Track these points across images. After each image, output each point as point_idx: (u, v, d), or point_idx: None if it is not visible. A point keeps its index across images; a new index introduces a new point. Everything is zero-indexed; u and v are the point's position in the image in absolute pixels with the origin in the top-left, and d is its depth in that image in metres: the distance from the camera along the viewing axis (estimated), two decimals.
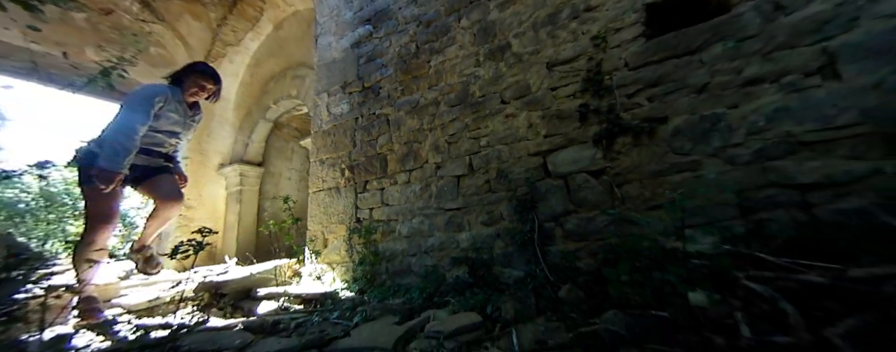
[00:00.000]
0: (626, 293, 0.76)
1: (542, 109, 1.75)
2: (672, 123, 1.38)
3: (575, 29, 1.71)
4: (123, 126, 1.61)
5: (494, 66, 1.97)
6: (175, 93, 1.79)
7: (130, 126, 1.61)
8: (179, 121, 1.83)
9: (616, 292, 0.75)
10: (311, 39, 4.09)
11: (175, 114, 1.79)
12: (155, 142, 1.80)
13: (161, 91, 1.73)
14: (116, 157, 1.55)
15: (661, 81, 1.44)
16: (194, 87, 1.83)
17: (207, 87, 1.87)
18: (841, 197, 1.05)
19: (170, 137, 1.86)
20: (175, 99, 1.78)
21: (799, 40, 1.19)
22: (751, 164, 1.20)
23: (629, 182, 1.45)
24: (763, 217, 1.14)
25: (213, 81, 1.90)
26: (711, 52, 1.34)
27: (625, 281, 0.77)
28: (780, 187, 1.14)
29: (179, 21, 4.52)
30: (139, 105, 1.66)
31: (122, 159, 1.57)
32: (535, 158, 1.74)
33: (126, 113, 1.65)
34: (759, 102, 1.22)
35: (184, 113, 1.85)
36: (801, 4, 1.21)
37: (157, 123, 1.74)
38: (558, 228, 1.59)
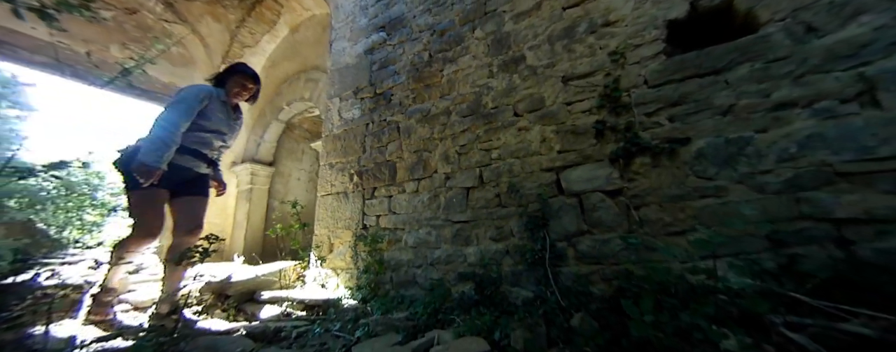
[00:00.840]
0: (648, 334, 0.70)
1: (557, 124, 1.71)
2: (695, 144, 1.32)
3: (592, 43, 1.67)
4: (165, 121, 1.61)
5: (508, 78, 1.94)
6: (219, 93, 1.81)
7: (172, 121, 1.61)
8: (224, 120, 1.82)
9: (638, 332, 0.70)
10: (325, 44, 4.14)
11: (220, 113, 1.79)
12: (202, 141, 1.77)
13: (206, 90, 1.75)
14: (156, 151, 1.53)
15: (683, 101, 1.38)
16: (237, 87, 1.85)
17: (249, 86, 1.89)
18: (884, 235, 0.98)
19: (216, 138, 1.83)
20: (219, 99, 1.80)
21: (834, 65, 1.12)
22: (781, 193, 1.13)
23: (647, 205, 1.39)
24: (796, 252, 1.07)
25: (253, 82, 1.91)
26: (737, 73, 1.28)
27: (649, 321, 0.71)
28: (814, 220, 1.07)
29: (200, 22, 4.64)
30: (182, 102, 1.66)
31: (162, 154, 1.54)
32: (548, 173, 1.69)
33: (169, 110, 1.65)
34: (791, 128, 1.16)
35: (228, 113, 1.85)
36: (836, 27, 1.14)
37: (204, 121, 1.73)
38: (571, 248, 1.53)
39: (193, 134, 1.71)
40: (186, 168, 1.73)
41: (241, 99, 1.91)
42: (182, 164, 1.69)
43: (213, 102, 1.74)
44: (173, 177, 1.65)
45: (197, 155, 1.77)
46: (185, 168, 1.71)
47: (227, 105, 1.84)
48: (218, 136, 1.82)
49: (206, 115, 1.73)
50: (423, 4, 2.52)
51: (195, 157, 1.76)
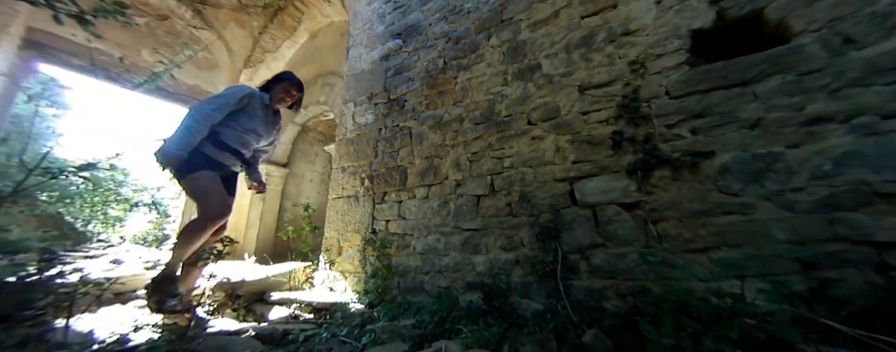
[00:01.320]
0: None
1: (572, 134, 1.67)
2: (719, 158, 1.27)
3: (611, 53, 1.64)
4: (196, 111, 1.63)
5: (523, 86, 1.92)
6: (263, 97, 1.85)
7: (203, 112, 1.63)
8: (262, 122, 1.85)
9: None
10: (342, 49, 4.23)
11: (261, 115, 1.83)
12: (240, 141, 1.78)
13: (247, 90, 1.79)
14: (181, 139, 1.54)
15: (707, 113, 1.33)
16: (282, 93, 1.89)
17: (293, 93, 1.94)
18: None
19: (254, 139, 1.85)
20: (262, 102, 1.84)
21: (874, 78, 1.06)
22: (814, 213, 1.07)
23: (666, 219, 1.33)
24: (830, 276, 1.00)
25: (298, 90, 1.96)
26: (767, 86, 1.23)
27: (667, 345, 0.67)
28: (851, 243, 1.00)
29: (226, 28, 4.84)
30: (220, 97, 1.71)
31: (186, 142, 1.55)
32: (562, 183, 1.65)
33: (204, 102, 1.69)
34: (826, 144, 1.09)
35: (268, 117, 1.89)
36: (877, 39, 1.08)
37: (243, 119, 1.75)
38: (584, 261, 1.49)
39: (235, 133, 1.75)
40: (225, 165, 1.76)
41: (285, 105, 1.96)
42: (222, 160, 1.73)
43: (254, 103, 1.78)
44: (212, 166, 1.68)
45: (236, 154, 1.80)
46: (224, 165, 1.75)
47: (268, 109, 1.89)
48: (255, 136, 1.85)
49: (248, 114, 1.76)
50: (440, 12, 2.55)
51: (234, 155, 1.79)
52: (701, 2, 1.44)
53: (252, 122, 1.79)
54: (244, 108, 1.75)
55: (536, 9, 1.99)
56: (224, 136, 1.71)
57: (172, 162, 1.52)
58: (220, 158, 1.71)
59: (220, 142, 1.70)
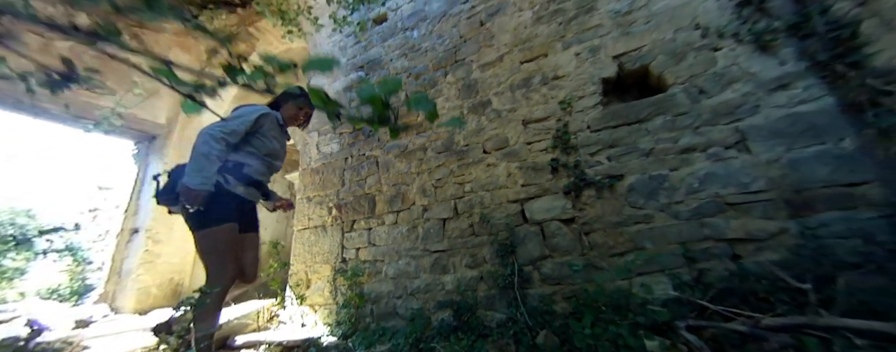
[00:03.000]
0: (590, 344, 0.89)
1: (520, 161, 1.96)
2: (627, 180, 1.62)
3: (545, 93, 1.99)
4: (208, 135, 1.39)
5: (477, 119, 2.20)
6: (277, 116, 1.66)
7: (214, 135, 1.39)
8: (279, 144, 1.66)
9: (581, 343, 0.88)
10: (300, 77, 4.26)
11: (276, 136, 1.64)
12: (265, 170, 1.60)
13: (261, 109, 1.58)
14: (200, 170, 1.32)
15: (617, 144, 1.70)
16: (293, 111, 1.72)
17: (306, 111, 1.78)
18: (760, 251, 1.28)
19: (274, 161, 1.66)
20: (277, 121, 1.64)
21: (718, 119, 1.49)
22: (690, 219, 1.44)
23: (595, 231, 1.65)
24: (704, 267, 1.35)
25: (310, 106, 1.78)
26: (654, 123, 1.63)
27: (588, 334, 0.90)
28: (714, 241, 1.37)
29: (169, 53, 4.58)
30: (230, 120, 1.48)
31: (207, 172, 1.33)
32: (514, 204, 1.92)
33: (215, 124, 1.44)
34: (694, 168, 1.49)
35: (282, 137, 1.70)
36: (718, 91, 1.52)
37: (262, 143, 1.56)
38: (536, 271, 1.74)
39: (258, 161, 1.56)
40: (248, 202, 1.56)
41: (298, 124, 1.79)
42: (247, 197, 1.53)
43: (269, 124, 1.59)
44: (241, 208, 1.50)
45: (259, 186, 1.59)
46: (247, 202, 1.55)
47: (282, 129, 1.70)
48: (277, 161, 1.68)
49: (266, 136, 1.57)
50: (400, 49, 2.79)
51: (258, 188, 1.59)
52: (607, 56, 1.85)
53: (271, 144, 1.59)
54: (259, 129, 1.55)
55: (484, 52, 2.32)
56: (248, 168, 1.51)
57: (199, 199, 1.30)
58: (246, 196, 1.52)
59: (244, 175, 1.50)
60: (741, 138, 1.43)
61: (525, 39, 2.15)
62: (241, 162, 1.49)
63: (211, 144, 1.37)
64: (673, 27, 1.68)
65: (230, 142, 1.44)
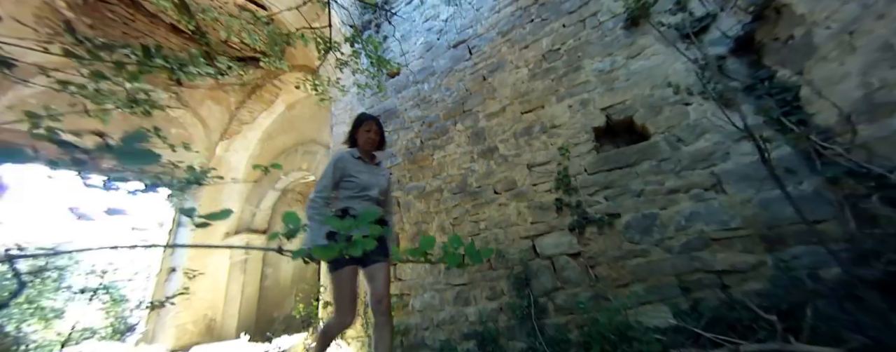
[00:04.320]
0: None
1: (528, 201, 2.22)
2: (624, 218, 1.85)
3: (545, 140, 2.27)
4: (310, 199, 1.61)
5: (487, 164, 2.48)
6: (351, 152, 1.79)
7: (312, 197, 1.61)
8: (366, 174, 1.75)
9: None
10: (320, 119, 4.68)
11: (360, 170, 1.74)
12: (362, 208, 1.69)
13: (337, 156, 1.75)
14: (310, 233, 1.52)
15: (612, 185, 1.95)
16: (363, 137, 1.83)
17: (370, 131, 1.84)
18: (745, 281, 1.48)
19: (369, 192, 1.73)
20: (353, 157, 1.77)
21: (696, 164, 1.74)
22: (682, 253, 1.65)
23: (600, 264, 1.86)
24: (698, 296, 1.54)
25: (374, 125, 1.86)
26: (642, 167, 1.88)
27: None
28: (704, 272, 1.57)
29: (201, 106, 5.11)
30: (322, 177, 1.65)
31: (313, 232, 1.52)
32: (526, 240, 2.15)
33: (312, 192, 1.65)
34: (679, 207, 1.72)
35: (366, 166, 1.79)
36: (693, 139, 1.78)
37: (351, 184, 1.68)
38: (550, 302, 1.93)
39: (357, 200, 1.69)
40: None
41: (372, 145, 1.86)
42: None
43: (346, 163, 1.72)
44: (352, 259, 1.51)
45: None
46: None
47: (362, 160, 1.80)
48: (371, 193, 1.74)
49: (350, 175, 1.70)
50: (413, 100, 3.15)
51: None
52: (596, 108, 2.15)
53: (358, 180, 1.71)
54: (342, 174, 1.70)
55: (488, 104, 2.65)
56: (353, 210, 1.66)
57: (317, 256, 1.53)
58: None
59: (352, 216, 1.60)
60: (717, 181, 1.66)
61: (524, 93, 2.47)
62: (345, 206, 1.66)
63: (311, 209, 1.59)
64: (649, 84, 1.98)
65: (326, 197, 1.64)
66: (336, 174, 1.69)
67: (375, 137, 1.86)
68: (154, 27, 4.19)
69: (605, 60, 2.18)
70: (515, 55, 2.61)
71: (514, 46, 2.65)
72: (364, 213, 0.57)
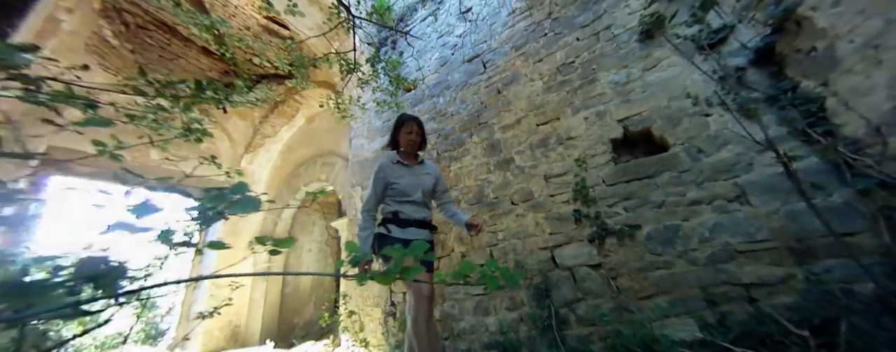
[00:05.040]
0: None
1: (545, 212, 2.24)
2: (645, 229, 1.85)
3: (562, 152, 2.30)
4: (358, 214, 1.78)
5: (503, 175, 2.53)
6: (391, 157, 1.82)
7: (361, 209, 1.73)
8: (408, 178, 1.76)
9: None
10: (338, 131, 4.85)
11: (402, 175, 1.76)
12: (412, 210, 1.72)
13: (379, 165, 1.79)
14: (359, 245, 1.59)
15: (631, 196, 1.95)
16: (403, 139, 1.83)
17: (410, 131, 1.83)
18: (773, 294, 1.45)
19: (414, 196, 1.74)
20: (393, 162, 1.79)
21: (718, 175, 1.73)
22: (707, 265, 1.63)
23: (621, 275, 1.85)
24: (725, 309, 1.52)
25: (414, 124, 1.85)
26: (662, 179, 1.88)
27: None
28: (731, 285, 1.55)
29: (228, 121, 5.39)
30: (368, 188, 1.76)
31: (361, 244, 1.60)
32: (545, 251, 2.16)
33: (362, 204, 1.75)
34: (702, 219, 1.70)
35: (408, 169, 1.80)
36: (715, 150, 1.77)
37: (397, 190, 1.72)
38: (571, 313, 1.94)
39: (405, 204, 1.72)
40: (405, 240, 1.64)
41: (414, 147, 1.86)
42: (409, 237, 1.65)
43: (387, 170, 1.75)
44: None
45: (419, 223, 1.72)
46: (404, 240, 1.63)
47: (402, 163, 1.81)
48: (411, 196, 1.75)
49: (394, 180, 1.73)
50: (429, 113, 3.24)
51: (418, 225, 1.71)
52: (612, 120, 2.16)
53: (401, 184, 1.73)
54: (386, 181, 1.74)
55: (503, 116, 2.70)
56: (403, 214, 1.71)
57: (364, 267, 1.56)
58: (407, 236, 1.66)
59: (401, 220, 1.70)
60: (741, 193, 1.65)
61: (538, 105, 2.52)
62: (395, 210, 1.72)
63: (359, 223, 1.71)
64: (667, 96, 1.99)
65: (370, 210, 1.72)
66: (378, 186, 1.75)
67: (417, 138, 1.86)
68: (187, 50, 4.49)
69: (621, 73, 2.21)
70: (529, 68, 2.67)
71: (528, 60, 2.71)
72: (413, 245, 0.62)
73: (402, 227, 1.69)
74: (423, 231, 1.75)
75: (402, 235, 1.66)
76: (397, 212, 1.71)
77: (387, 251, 0.63)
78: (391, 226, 1.69)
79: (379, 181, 1.75)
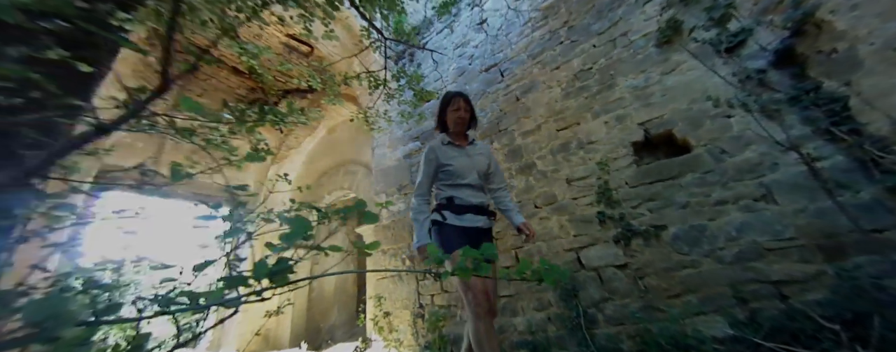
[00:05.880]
0: None
1: (569, 214, 2.31)
2: (670, 229, 1.90)
3: (583, 156, 2.38)
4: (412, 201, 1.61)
5: (525, 179, 2.61)
6: (441, 139, 1.73)
7: (414, 195, 1.62)
8: (460, 161, 1.65)
9: None
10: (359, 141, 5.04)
11: (453, 156, 1.65)
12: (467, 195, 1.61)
13: (428, 148, 1.69)
14: (415, 233, 1.54)
15: (655, 198, 2.00)
16: (451, 118, 1.73)
17: (457, 109, 1.72)
18: (804, 291, 1.48)
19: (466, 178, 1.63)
20: (443, 143, 1.70)
21: (743, 175, 1.77)
22: (734, 264, 1.67)
23: (648, 275, 1.90)
24: (755, 307, 1.56)
25: (463, 101, 1.74)
26: (686, 180, 1.93)
27: None
28: (760, 283, 1.58)
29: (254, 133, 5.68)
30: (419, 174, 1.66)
31: (417, 231, 1.52)
32: (570, 253, 2.23)
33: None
34: (729, 218, 1.74)
35: (460, 150, 1.69)
36: (738, 151, 1.81)
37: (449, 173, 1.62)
38: (599, 313, 1.99)
39: (460, 189, 1.61)
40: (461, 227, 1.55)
41: (462, 126, 1.75)
42: (466, 224, 1.56)
43: (438, 152, 1.66)
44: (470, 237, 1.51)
45: (476, 210, 1.60)
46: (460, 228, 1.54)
47: (453, 144, 1.71)
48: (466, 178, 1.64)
49: (445, 163, 1.63)
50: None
51: (475, 211, 1.60)
52: (633, 123, 2.23)
53: (454, 167, 1.63)
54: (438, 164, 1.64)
55: (523, 122, 2.80)
56: (458, 199, 1.59)
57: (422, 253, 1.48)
58: (463, 223, 1.56)
59: (456, 206, 1.58)
60: (767, 192, 1.68)
61: (558, 111, 2.60)
62: (450, 196, 1.60)
63: (413, 211, 1.58)
64: (687, 99, 2.04)
65: (423, 195, 1.62)
66: (430, 168, 1.64)
67: (465, 114, 1.73)
68: (218, 70, 4.80)
69: (639, 77, 2.27)
70: (547, 76, 2.76)
71: (545, 67, 2.80)
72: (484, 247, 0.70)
73: (458, 213, 1.56)
74: (481, 218, 1.61)
75: (458, 223, 1.54)
76: (452, 197, 1.59)
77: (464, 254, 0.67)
78: (446, 212, 1.56)
79: (430, 163, 1.64)
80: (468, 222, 1.57)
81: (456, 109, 1.73)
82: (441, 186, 1.66)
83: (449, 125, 1.76)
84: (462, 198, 1.61)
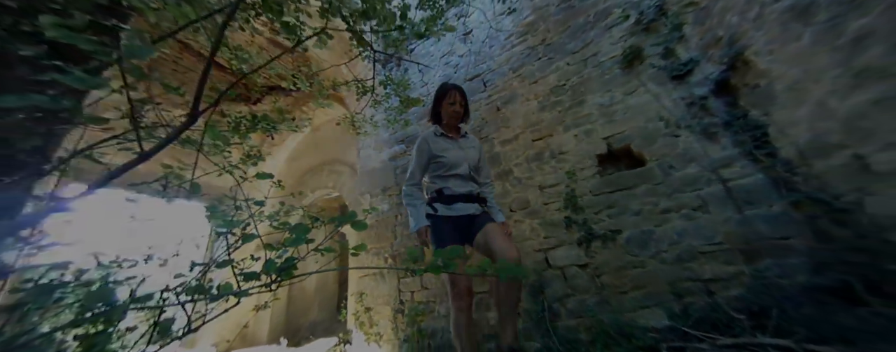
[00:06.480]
0: None
1: (540, 218, 2.53)
2: (624, 234, 2.15)
3: (554, 165, 2.61)
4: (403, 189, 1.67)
5: (502, 185, 2.82)
6: (434, 130, 1.76)
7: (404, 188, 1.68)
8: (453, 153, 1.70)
9: None
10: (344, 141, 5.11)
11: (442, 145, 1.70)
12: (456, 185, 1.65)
13: (421, 138, 1.74)
14: (410, 218, 1.58)
15: (614, 205, 2.26)
16: (447, 111, 1.75)
17: (452, 101, 1.74)
18: (727, 288, 1.76)
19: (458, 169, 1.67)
20: (436, 134, 1.74)
21: (685, 188, 2.04)
22: (675, 264, 1.94)
23: (605, 273, 2.15)
24: (688, 301, 1.82)
25: (458, 94, 1.76)
26: (640, 190, 2.19)
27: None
28: (693, 281, 1.86)
29: None
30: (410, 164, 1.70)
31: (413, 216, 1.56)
32: (539, 253, 2.45)
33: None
34: (672, 225, 2.01)
35: (451, 142, 1.74)
36: (682, 167, 2.09)
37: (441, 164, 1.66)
38: (563, 307, 2.22)
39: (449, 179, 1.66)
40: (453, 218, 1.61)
41: (456, 119, 1.78)
42: (457, 213, 1.62)
43: (429, 143, 1.69)
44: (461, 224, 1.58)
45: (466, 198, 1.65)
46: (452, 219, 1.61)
47: (446, 136, 1.75)
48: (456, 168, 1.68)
49: (437, 155, 1.67)
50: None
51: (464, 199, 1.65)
52: (598, 137, 2.48)
53: (445, 158, 1.67)
54: (429, 154, 1.68)
55: (502, 131, 3.00)
56: (448, 190, 1.65)
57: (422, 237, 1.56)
58: (454, 212, 1.61)
59: (447, 197, 1.64)
60: (703, 203, 1.96)
61: (534, 123, 2.82)
62: (440, 187, 1.65)
63: (405, 196, 1.65)
64: (644, 118, 2.30)
65: (415, 184, 1.67)
66: (422, 159, 1.68)
67: (460, 108, 1.76)
68: (199, 64, 4.72)
69: (605, 96, 2.53)
70: (526, 89, 2.98)
71: (524, 81, 3.02)
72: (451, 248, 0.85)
73: (448, 203, 1.61)
74: (471, 205, 1.66)
75: (449, 213, 1.59)
76: (442, 189, 1.63)
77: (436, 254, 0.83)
78: (437, 205, 1.62)
79: (422, 154, 1.68)
80: (459, 211, 1.63)
81: (452, 102, 1.77)
82: (432, 178, 1.71)
83: (443, 117, 1.80)
84: (452, 188, 1.66)
